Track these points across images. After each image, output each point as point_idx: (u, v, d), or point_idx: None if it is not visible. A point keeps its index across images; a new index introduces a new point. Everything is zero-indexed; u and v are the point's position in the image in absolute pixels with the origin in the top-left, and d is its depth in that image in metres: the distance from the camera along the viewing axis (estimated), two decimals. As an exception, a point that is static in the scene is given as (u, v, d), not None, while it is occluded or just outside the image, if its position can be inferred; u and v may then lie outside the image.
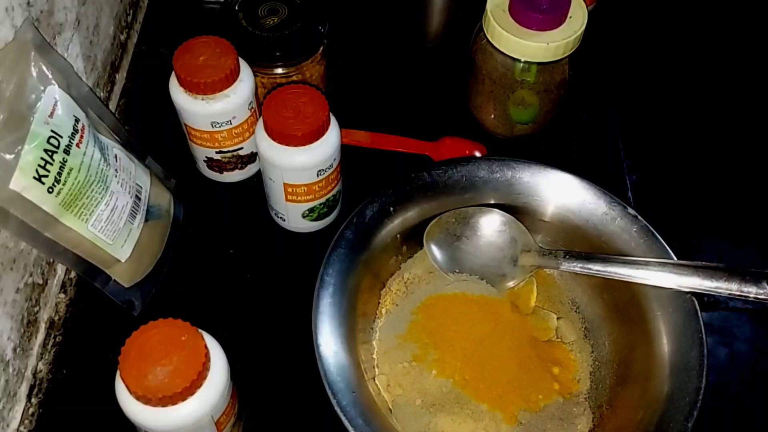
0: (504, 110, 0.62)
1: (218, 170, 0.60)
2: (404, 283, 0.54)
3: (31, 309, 0.50)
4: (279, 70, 0.58)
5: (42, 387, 0.51)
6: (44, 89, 0.43)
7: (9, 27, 0.44)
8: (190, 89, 0.53)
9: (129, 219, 0.51)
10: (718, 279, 0.45)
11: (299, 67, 0.58)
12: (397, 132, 0.64)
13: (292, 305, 0.53)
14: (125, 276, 0.52)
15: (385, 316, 0.53)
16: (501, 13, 0.57)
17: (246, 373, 0.46)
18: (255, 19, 0.57)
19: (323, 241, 0.50)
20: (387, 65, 0.69)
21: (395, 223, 0.53)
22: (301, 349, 0.47)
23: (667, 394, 0.46)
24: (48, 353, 0.52)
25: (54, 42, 0.51)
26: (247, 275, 0.57)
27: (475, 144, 0.63)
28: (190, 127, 0.56)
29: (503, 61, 0.58)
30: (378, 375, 0.50)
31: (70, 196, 0.45)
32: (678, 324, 0.48)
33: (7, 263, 0.46)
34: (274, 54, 0.57)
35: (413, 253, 0.55)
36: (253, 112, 0.56)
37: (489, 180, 0.54)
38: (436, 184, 0.53)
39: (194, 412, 0.40)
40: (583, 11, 0.57)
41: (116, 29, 0.65)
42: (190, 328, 0.40)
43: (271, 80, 0.58)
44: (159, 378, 0.38)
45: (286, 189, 0.54)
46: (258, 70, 0.57)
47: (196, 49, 0.53)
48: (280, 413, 0.51)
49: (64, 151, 0.44)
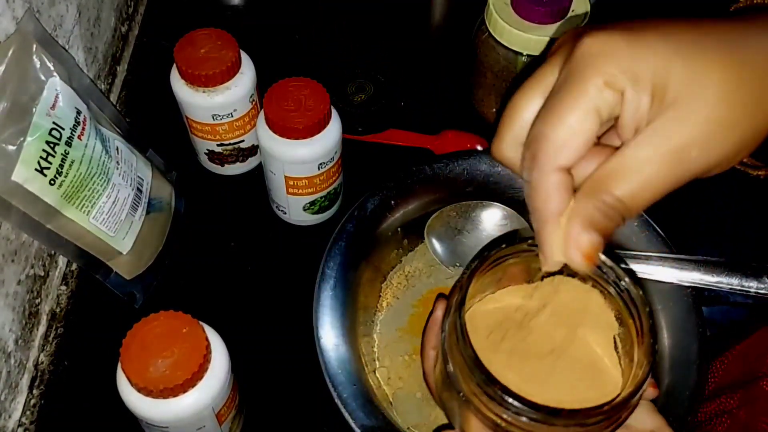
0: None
1: (219, 163, 0.60)
2: (405, 277, 0.54)
3: (32, 301, 0.50)
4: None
5: (43, 379, 0.51)
6: (46, 81, 0.43)
7: (10, 19, 0.44)
8: (191, 81, 0.53)
9: (130, 211, 0.51)
10: (719, 273, 0.45)
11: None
12: (398, 125, 0.64)
13: (293, 298, 0.53)
14: (126, 268, 0.52)
15: (385, 309, 0.53)
16: (503, 6, 0.56)
17: (247, 365, 0.46)
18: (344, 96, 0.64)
19: (324, 234, 0.50)
20: (389, 58, 0.69)
21: (396, 217, 0.53)
22: (301, 342, 0.47)
23: (667, 387, 0.46)
24: (49, 345, 0.52)
25: (55, 34, 0.51)
26: (248, 268, 0.57)
27: (477, 137, 0.63)
28: (191, 120, 0.56)
29: (505, 54, 0.57)
30: (379, 368, 0.50)
31: (72, 188, 0.45)
32: (678, 318, 0.48)
33: (9, 255, 0.46)
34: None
35: (414, 247, 0.55)
36: (254, 105, 0.56)
37: (490, 174, 0.54)
38: (438, 178, 0.53)
39: (195, 404, 0.40)
40: (586, 4, 0.57)
41: (117, 21, 0.65)
42: (191, 320, 0.40)
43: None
44: (160, 370, 0.38)
45: (288, 182, 0.54)
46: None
47: (197, 42, 0.53)
48: (280, 405, 0.51)
49: (66, 143, 0.44)
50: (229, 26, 0.54)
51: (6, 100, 0.41)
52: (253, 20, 0.72)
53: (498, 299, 0.38)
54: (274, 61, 0.63)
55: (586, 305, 0.36)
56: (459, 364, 0.33)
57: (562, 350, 0.36)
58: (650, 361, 0.32)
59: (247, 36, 0.56)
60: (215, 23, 0.54)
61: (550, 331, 0.36)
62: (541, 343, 0.36)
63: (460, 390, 0.34)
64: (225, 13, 0.73)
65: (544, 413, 0.31)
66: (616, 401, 0.32)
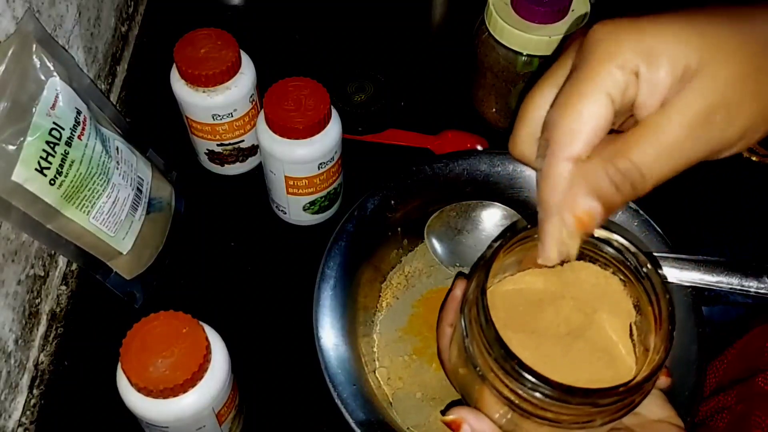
0: (506, 104, 0.62)
1: (219, 163, 0.60)
2: (405, 277, 0.54)
3: (32, 301, 0.50)
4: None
5: (44, 378, 0.51)
6: (46, 81, 0.43)
7: (10, 18, 0.44)
8: (191, 81, 0.53)
9: (130, 211, 0.51)
10: (719, 273, 0.45)
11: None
12: (398, 125, 0.64)
13: (293, 298, 0.53)
14: (126, 268, 0.52)
15: (385, 309, 0.53)
16: (503, 6, 0.56)
17: (247, 365, 0.46)
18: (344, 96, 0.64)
19: (324, 233, 0.50)
20: (389, 58, 0.69)
21: (396, 217, 0.53)
22: (301, 342, 0.47)
23: (667, 387, 0.46)
24: (49, 345, 0.52)
25: (55, 34, 0.51)
26: (248, 268, 0.57)
27: (477, 137, 0.63)
28: (191, 120, 0.56)
29: (505, 54, 0.57)
30: (378, 368, 0.50)
31: (72, 188, 0.45)
32: (678, 318, 0.48)
33: (9, 255, 0.46)
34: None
35: (414, 247, 0.55)
36: (254, 105, 0.56)
37: (490, 174, 0.54)
38: (438, 178, 0.53)
39: (195, 404, 0.40)
40: (586, 4, 0.57)
41: (117, 21, 0.65)
42: (191, 320, 0.40)
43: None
44: (160, 370, 0.38)
45: (288, 182, 0.54)
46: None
47: (197, 42, 0.53)
48: (280, 405, 0.51)
49: (66, 143, 0.44)
50: (229, 26, 0.54)
51: (6, 100, 0.41)
52: (253, 20, 0.72)
53: (517, 281, 0.38)
54: (274, 61, 0.63)
55: (605, 291, 0.37)
56: (477, 339, 0.33)
57: (579, 333, 0.36)
58: (667, 347, 0.33)
59: (247, 36, 0.56)
60: (215, 23, 0.54)
61: (568, 314, 0.36)
62: (558, 325, 0.36)
63: (477, 365, 0.34)
64: (225, 13, 0.73)
65: (559, 390, 0.31)
66: (632, 384, 0.32)
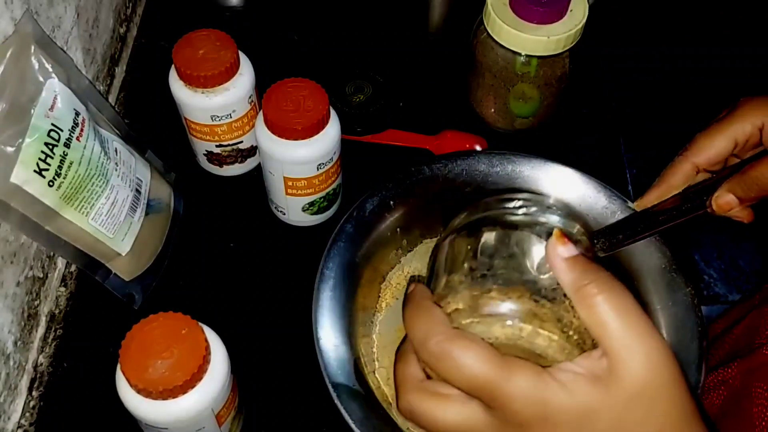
0: (504, 104, 0.62)
1: (218, 164, 0.60)
2: (404, 277, 0.54)
3: (31, 302, 0.50)
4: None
5: (43, 380, 0.51)
6: (44, 83, 0.43)
7: (8, 20, 0.44)
8: (189, 82, 0.53)
9: (129, 212, 0.51)
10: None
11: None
12: (397, 126, 0.64)
13: (293, 299, 0.53)
14: (126, 269, 0.52)
15: (385, 310, 0.53)
16: (501, 6, 0.56)
17: (246, 366, 0.46)
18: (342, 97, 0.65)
19: (323, 234, 0.50)
20: (388, 59, 0.69)
21: (395, 217, 0.53)
22: (301, 343, 0.47)
23: None
24: (49, 346, 0.52)
25: (53, 35, 0.51)
26: (247, 269, 0.57)
27: (476, 138, 0.63)
28: (189, 121, 0.56)
29: (504, 54, 0.57)
30: (378, 368, 0.50)
31: (71, 190, 0.45)
32: (677, 317, 0.48)
33: (8, 257, 0.46)
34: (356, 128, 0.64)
35: (413, 247, 0.55)
36: (253, 106, 0.56)
37: (489, 174, 0.54)
38: (437, 178, 0.53)
39: (195, 405, 0.40)
40: (584, 4, 0.57)
41: (116, 22, 0.65)
42: (191, 321, 0.40)
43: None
44: (159, 371, 0.38)
45: (287, 182, 0.54)
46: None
47: (196, 43, 0.53)
48: (280, 406, 0.51)
49: (65, 145, 0.44)
50: (227, 27, 0.54)
51: (4, 102, 0.41)
52: (251, 21, 0.72)
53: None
54: (272, 61, 0.63)
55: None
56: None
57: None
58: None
59: (245, 37, 0.56)
60: (214, 24, 0.54)
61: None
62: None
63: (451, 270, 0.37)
64: (223, 14, 0.73)
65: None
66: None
